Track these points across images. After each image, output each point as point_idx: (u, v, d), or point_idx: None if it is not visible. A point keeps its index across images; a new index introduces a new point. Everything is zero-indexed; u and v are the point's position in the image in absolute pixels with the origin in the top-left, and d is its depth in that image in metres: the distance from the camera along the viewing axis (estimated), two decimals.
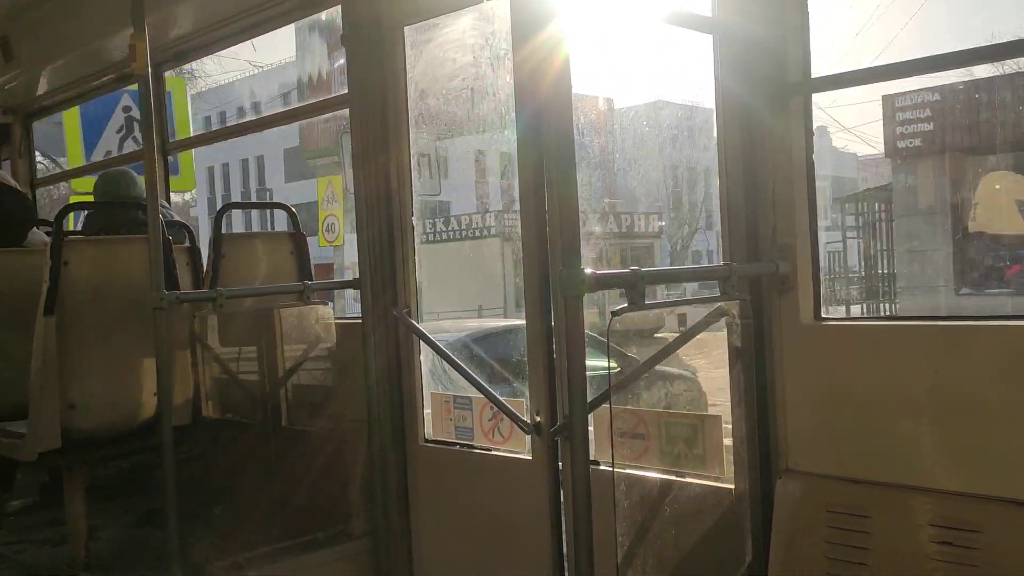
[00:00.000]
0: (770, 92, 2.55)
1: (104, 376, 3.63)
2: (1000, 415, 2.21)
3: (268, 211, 29.98)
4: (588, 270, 1.88)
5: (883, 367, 2.41)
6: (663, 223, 31.42)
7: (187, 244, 4.20)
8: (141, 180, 4.36)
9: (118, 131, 7.51)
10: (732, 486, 2.71)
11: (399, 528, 3.73)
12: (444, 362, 3.72)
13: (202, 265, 4.18)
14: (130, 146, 7.38)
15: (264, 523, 3.83)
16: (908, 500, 2.33)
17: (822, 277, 2.65)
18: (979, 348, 2.27)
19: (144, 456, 3.75)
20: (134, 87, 4.92)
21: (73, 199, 7.60)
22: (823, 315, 2.58)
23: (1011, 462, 2.19)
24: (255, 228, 27.85)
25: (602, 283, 1.94)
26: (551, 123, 1.90)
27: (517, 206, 3.26)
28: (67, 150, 7.74)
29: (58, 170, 8.45)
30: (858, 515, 2.41)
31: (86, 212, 4.28)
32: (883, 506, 2.37)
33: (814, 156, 2.59)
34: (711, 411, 2.91)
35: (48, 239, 3.69)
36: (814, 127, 2.66)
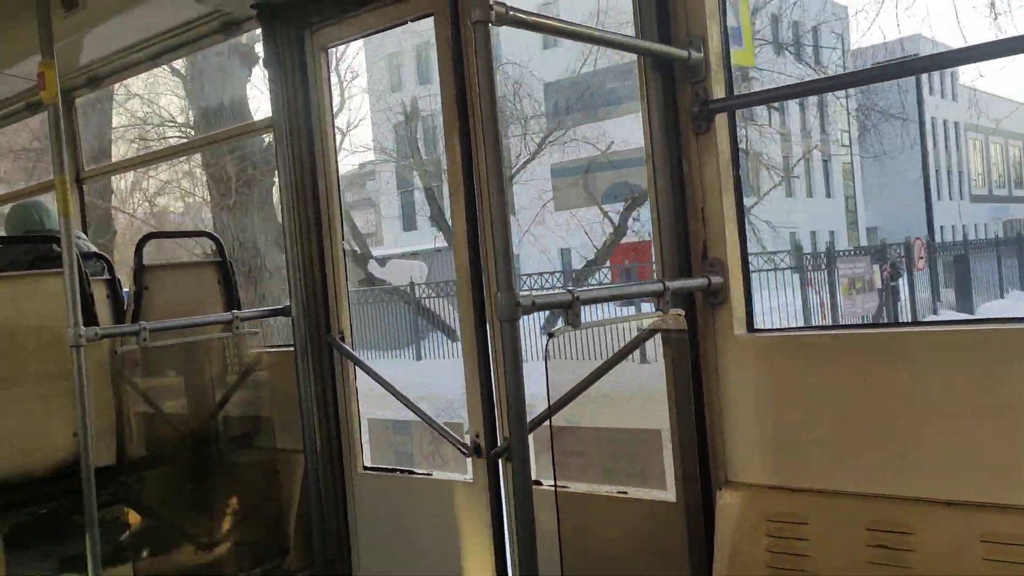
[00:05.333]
0: (695, 110, 2.60)
1: (19, 418, 3.46)
2: (927, 418, 2.28)
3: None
4: (523, 293, 1.88)
5: (815, 376, 2.46)
6: None
7: (105, 276, 4.04)
8: (55, 210, 4.19)
9: None
10: (674, 499, 2.72)
11: (339, 560, 3.64)
12: None
13: (122, 298, 4.03)
14: None
15: (195, 563, 3.69)
16: (844, 505, 2.38)
17: None
18: (905, 353, 2.34)
19: (66, 499, 3.56)
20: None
21: None
22: (756, 326, 2.63)
23: (938, 464, 2.26)
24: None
25: (539, 306, 1.93)
26: (482, 140, 1.89)
27: None
28: None
29: None
30: (797, 522, 2.46)
31: None
32: (821, 512, 2.42)
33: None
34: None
35: None
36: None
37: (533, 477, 2.74)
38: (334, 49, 3.70)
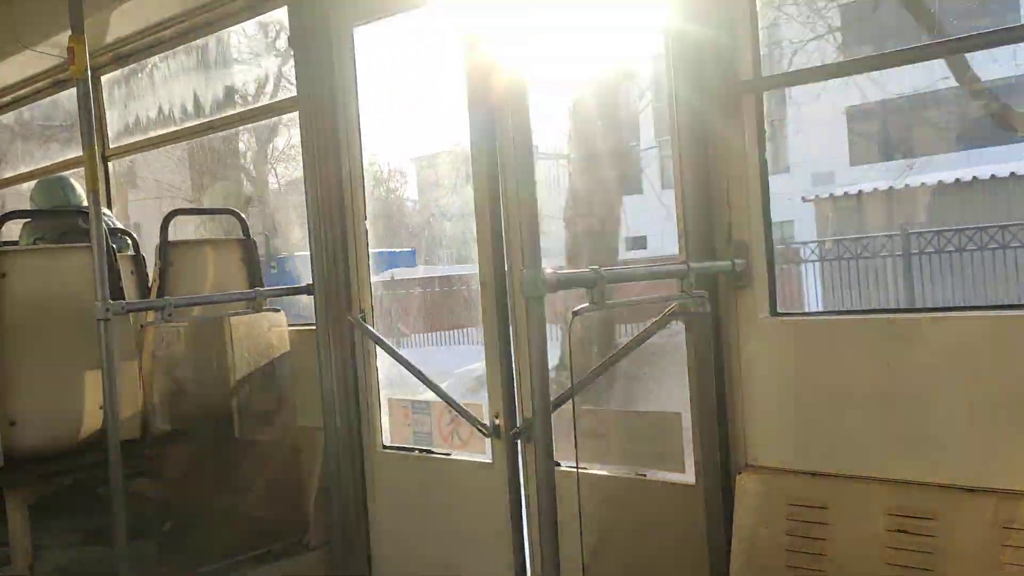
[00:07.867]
0: (722, 91, 2.58)
1: (47, 391, 3.50)
2: (949, 404, 2.26)
3: None
4: (548, 270, 1.87)
5: (838, 360, 2.45)
6: None
7: (131, 252, 4.08)
8: (79, 186, 4.23)
9: None
10: (693, 482, 2.72)
11: (357, 537, 3.67)
12: None
13: (147, 273, 4.07)
14: None
15: (217, 537, 3.73)
16: (865, 490, 2.38)
17: None
18: (927, 339, 2.32)
19: (90, 472, 3.62)
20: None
21: None
22: (779, 310, 2.62)
23: (960, 450, 2.25)
24: None
25: (563, 283, 1.93)
26: (508, 119, 1.89)
27: None
28: None
29: None
30: (817, 507, 2.45)
31: (24, 221, 4.11)
32: (841, 497, 2.41)
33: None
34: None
35: None
36: None
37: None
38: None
